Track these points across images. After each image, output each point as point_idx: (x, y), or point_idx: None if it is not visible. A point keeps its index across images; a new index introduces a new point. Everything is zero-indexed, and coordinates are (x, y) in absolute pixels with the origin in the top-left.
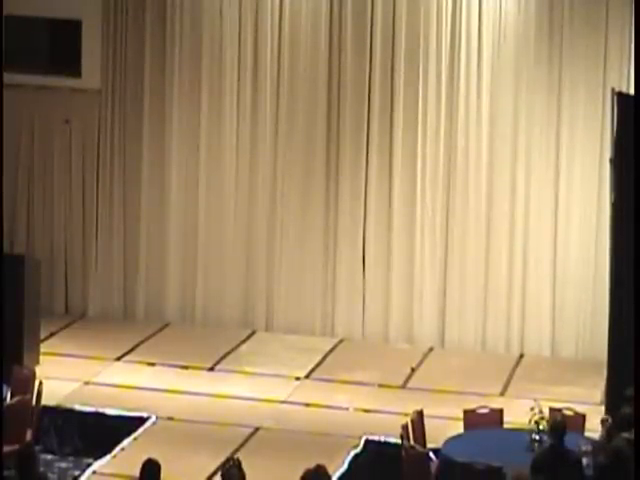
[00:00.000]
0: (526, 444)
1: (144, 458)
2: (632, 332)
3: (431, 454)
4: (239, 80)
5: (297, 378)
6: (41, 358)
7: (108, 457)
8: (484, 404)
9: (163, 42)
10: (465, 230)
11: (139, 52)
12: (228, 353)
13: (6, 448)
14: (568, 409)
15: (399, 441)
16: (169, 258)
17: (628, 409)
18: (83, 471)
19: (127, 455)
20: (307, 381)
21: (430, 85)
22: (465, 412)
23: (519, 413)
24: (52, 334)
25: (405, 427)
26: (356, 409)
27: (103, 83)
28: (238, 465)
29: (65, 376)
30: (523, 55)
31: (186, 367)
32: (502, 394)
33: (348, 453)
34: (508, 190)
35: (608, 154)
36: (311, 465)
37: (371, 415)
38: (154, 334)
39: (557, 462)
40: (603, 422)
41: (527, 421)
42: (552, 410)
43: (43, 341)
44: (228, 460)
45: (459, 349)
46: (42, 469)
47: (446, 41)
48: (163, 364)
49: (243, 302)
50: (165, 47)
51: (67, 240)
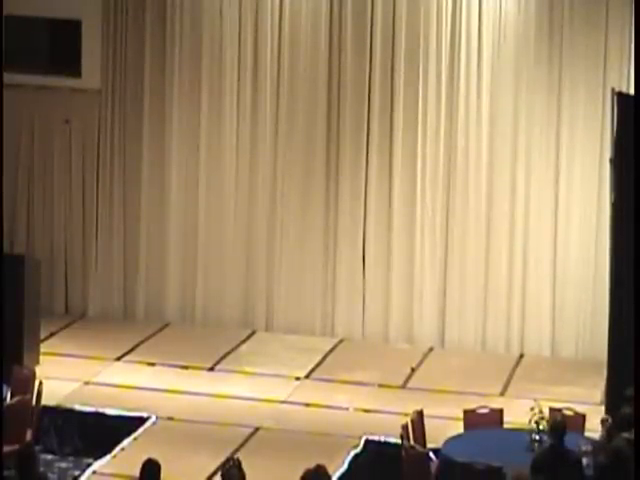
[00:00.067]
0: (526, 444)
1: (144, 458)
2: (632, 332)
3: (431, 454)
4: (239, 80)
5: (297, 378)
6: (41, 358)
7: (108, 457)
8: (484, 404)
9: (163, 42)
10: (465, 230)
11: (139, 52)
12: (228, 353)
13: (6, 448)
14: (568, 409)
15: (399, 441)
16: (169, 258)
17: (628, 409)
18: (83, 471)
19: (127, 455)
20: (307, 381)
21: (430, 85)
22: (465, 412)
23: (519, 413)
24: (52, 334)
25: (405, 427)
26: (356, 409)
27: (103, 83)
28: (238, 465)
29: (65, 376)
30: (523, 55)
31: (186, 367)
32: (502, 394)
33: (348, 453)
34: (508, 190)
35: (608, 154)
36: (311, 465)
37: (371, 415)
38: (154, 334)
39: (557, 462)
40: (603, 422)
41: (527, 421)
42: (552, 410)
43: (43, 341)
44: (228, 460)
45: (459, 349)
46: (42, 469)
47: (446, 41)
48: (163, 364)
49: (243, 302)
50: (165, 47)
51: (67, 240)
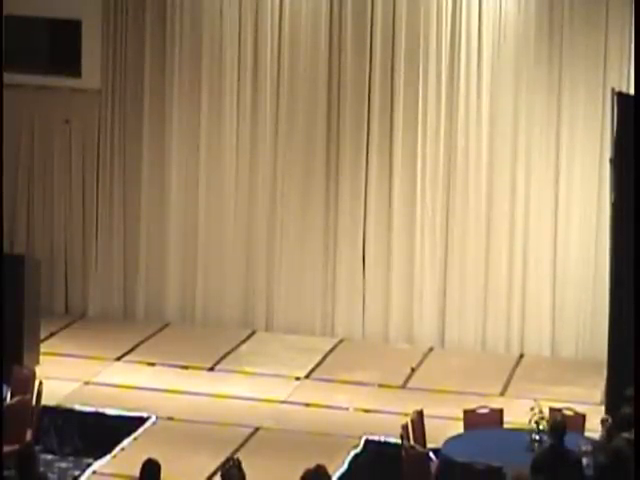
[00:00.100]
0: (526, 444)
1: (144, 458)
2: (632, 332)
3: (431, 454)
4: (239, 80)
5: (297, 378)
6: (41, 358)
7: (108, 457)
8: (484, 404)
9: (163, 42)
10: (465, 230)
11: (139, 52)
12: (228, 353)
13: (6, 448)
14: (568, 409)
15: (399, 441)
16: (169, 258)
17: (628, 409)
18: (83, 471)
19: (127, 455)
20: (307, 381)
21: (430, 85)
22: (465, 412)
23: (519, 413)
24: (52, 334)
25: (405, 427)
26: (356, 409)
27: (103, 83)
28: (238, 465)
29: (65, 376)
30: (523, 55)
31: (186, 367)
32: (502, 394)
33: (348, 453)
34: (508, 190)
35: (608, 154)
36: (311, 465)
37: (371, 415)
38: (154, 334)
39: (557, 462)
40: (603, 422)
41: (527, 421)
42: (552, 410)
43: (43, 341)
44: (228, 460)
45: (459, 349)
46: (42, 469)
47: (446, 41)
48: (163, 364)
49: (243, 302)
50: (165, 47)
51: (67, 240)
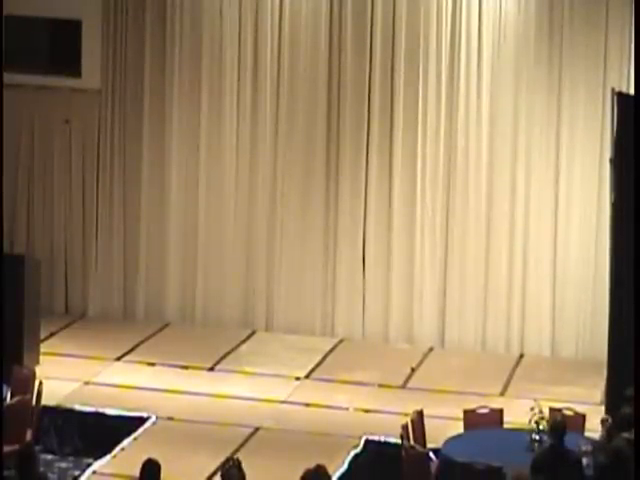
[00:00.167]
0: (526, 444)
1: (144, 458)
2: (632, 332)
3: (431, 454)
4: (239, 80)
5: (297, 378)
6: (41, 358)
7: (108, 457)
8: (484, 404)
9: (163, 42)
10: (465, 230)
11: (139, 52)
12: (228, 353)
13: (6, 448)
14: (568, 409)
15: (399, 441)
16: (169, 258)
17: (628, 409)
18: (83, 471)
19: (127, 455)
20: (307, 381)
21: (430, 85)
22: (465, 412)
23: (519, 413)
24: (52, 334)
25: (405, 427)
26: (356, 409)
27: (103, 83)
28: (238, 465)
29: (65, 376)
30: (523, 55)
31: (186, 367)
32: (502, 394)
33: (348, 453)
34: (508, 190)
35: (608, 154)
36: (311, 465)
37: (371, 415)
38: (154, 334)
39: (557, 462)
40: (603, 422)
41: (527, 421)
42: (552, 410)
43: (43, 341)
44: (228, 460)
45: (459, 349)
46: (42, 469)
47: (446, 41)
48: (163, 364)
49: (243, 302)
50: (165, 47)
51: (67, 240)
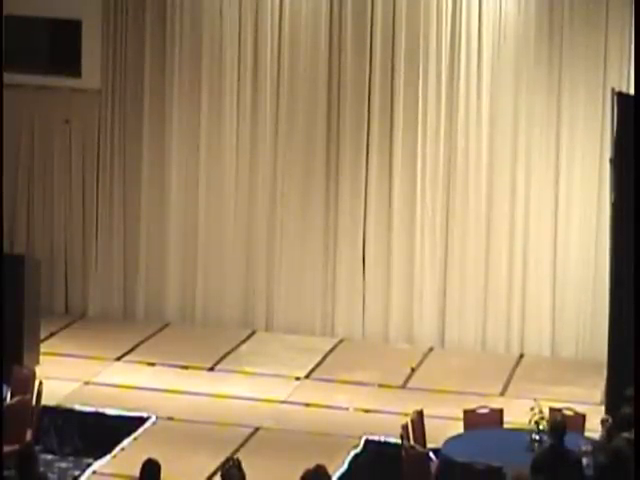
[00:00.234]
0: (526, 444)
1: (144, 458)
2: (632, 332)
3: (431, 454)
4: (239, 80)
5: (297, 378)
6: (41, 358)
7: (108, 457)
8: (484, 404)
9: (163, 42)
10: (465, 230)
11: (139, 52)
12: (228, 353)
13: (6, 448)
14: (568, 409)
15: (399, 441)
16: (169, 258)
17: (628, 409)
18: (83, 471)
19: (127, 455)
20: (307, 381)
21: (430, 85)
22: (465, 412)
23: (519, 413)
24: (52, 334)
25: (405, 427)
26: (356, 409)
27: (103, 83)
28: (238, 465)
29: (65, 376)
30: (523, 56)
31: (186, 367)
32: (502, 394)
33: (348, 453)
34: (508, 190)
35: (608, 154)
36: (311, 465)
37: (371, 415)
38: (154, 334)
39: (557, 462)
40: (603, 422)
41: (527, 421)
42: (552, 410)
43: (43, 341)
44: (228, 460)
45: (459, 349)
46: (42, 469)
47: (446, 41)
48: (163, 364)
49: (243, 302)
50: (165, 47)
51: (67, 240)
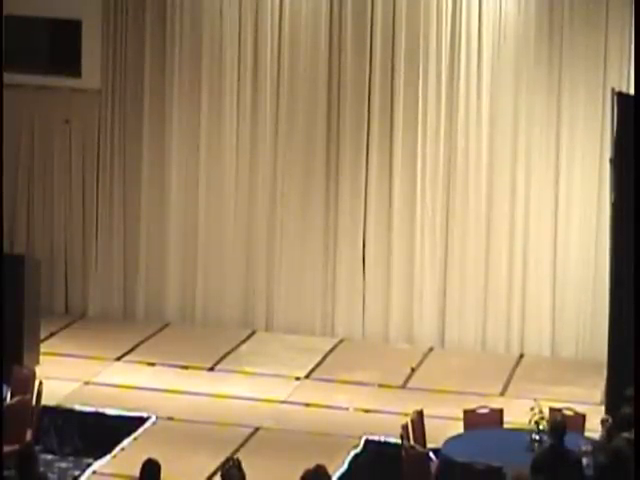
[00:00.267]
0: (526, 444)
1: (144, 458)
2: (632, 332)
3: (431, 454)
4: (239, 80)
5: (297, 378)
6: (41, 358)
7: (108, 457)
8: (484, 404)
9: (163, 42)
10: (465, 230)
11: (139, 52)
12: (228, 353)
13: (6, 448)
14: (568, 409)
15: (399, 441)
16: (169, 258)
17: (628, 409)
18: (83, 471)
19: (127, 455)
20: (307, 381)
21: (430, 85)
22: (465, 412)
23: (519, 413)
24: (52, 334)
25: (405, 427)
26: (356, 409)
27: (103, 83)
28: (238, 465)
29: (65, 376)
30: (523, 56)
31: (186, 367)
32: (502, 394)
33: (348, 453)
34: (508, 190)
35: (608, 154)
36: (311, 465)
37: (371, 415)
38: (154, 334)
39: (557, 462)
40: (603, 422)
41: (527, 421)
42: (552, 410)
43: (43, 341)
44: (228, 460)
45: (459, 349)
46: (42, 469)
47: (446, 41)
48: (163, 364)
49: (243, 302)
50: (165, 47)
51: (67, 240)
